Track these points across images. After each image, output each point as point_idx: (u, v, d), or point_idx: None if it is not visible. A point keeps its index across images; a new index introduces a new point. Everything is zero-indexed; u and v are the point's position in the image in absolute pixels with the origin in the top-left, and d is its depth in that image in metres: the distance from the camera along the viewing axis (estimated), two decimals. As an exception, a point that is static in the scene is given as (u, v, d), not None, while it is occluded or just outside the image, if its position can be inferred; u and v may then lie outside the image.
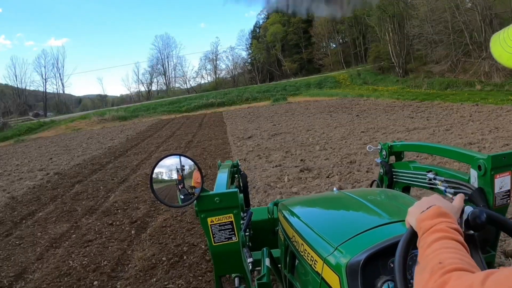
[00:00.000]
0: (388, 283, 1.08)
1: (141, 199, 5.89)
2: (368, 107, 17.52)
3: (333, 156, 7.32)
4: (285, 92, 33.78)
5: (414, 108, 15.32)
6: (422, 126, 10.26)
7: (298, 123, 13.71)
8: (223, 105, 31.35)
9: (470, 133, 8.61)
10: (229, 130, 13.91)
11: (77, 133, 23.47)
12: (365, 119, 13.03)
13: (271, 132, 11.80)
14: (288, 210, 1.87)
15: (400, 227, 1.28)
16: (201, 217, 1.45)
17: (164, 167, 1.48)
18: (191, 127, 17.62)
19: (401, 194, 1.95)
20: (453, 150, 1.98)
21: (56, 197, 6.98)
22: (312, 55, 66.83)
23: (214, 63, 72.36)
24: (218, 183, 1.93)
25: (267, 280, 1.72)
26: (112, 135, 18.45)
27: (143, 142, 13.47)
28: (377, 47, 44.97)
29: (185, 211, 4.85)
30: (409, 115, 12.95)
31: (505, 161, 1.64)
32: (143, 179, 7.20)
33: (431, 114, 12.60)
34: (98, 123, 28.76)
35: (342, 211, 1.78)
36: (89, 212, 5.74)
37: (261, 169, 6.94)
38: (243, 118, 18.76)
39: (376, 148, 2.62)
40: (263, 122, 15.69)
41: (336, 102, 22.51)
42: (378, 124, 11.53)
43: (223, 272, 1.72)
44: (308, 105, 22.44)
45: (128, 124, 24.84)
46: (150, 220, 4.90)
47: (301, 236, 1.54)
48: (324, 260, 1.28)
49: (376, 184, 2.67)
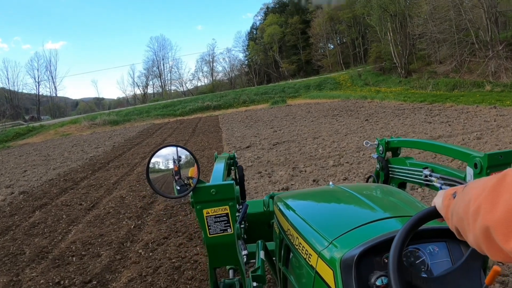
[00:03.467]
0: (381, 278, 1.06)
1: (107, 239, 4.48)
2: (375, 110, 16.19)
3: (353, 175, 5.92)
4: (284, 94, 32.42)
5: (427, 111, 14.03)
6: (447, 133, 8.91)
7: (301, 129, 12.34)
8: (219, 108, 29.95)
9: (508, 142, 7.30)
10: (225, 138, 12.50)
11: (64, 139, 22.02)
12: (376, 124, 11.68)
13: (272, 140, 10.40)
14: (283, 203, 1.86)
15: (395, 223, 1.31)
16: (196, 208, 1.40)
17: (161, 157, 1.40)
18: (184, 133, 16.21)
19: (397, 189, 1.92)
20: (450, 148, 1.97)
21: (8, 229, 5.57)
22: (310, 56, 65.88)
23: (210, 65, 71.29)
24: (215, 175, 1.76)
25: (261, 273, 1.72)
26: (98, 142, 17.05)
27: (129, 152, 12.06)
28: (378, 47, 43.73)
29: (159, 266, 3.46)
30: (426, 120, 11.60)
31: (501, 159, 1.63)
32: (116, 206, 5.81)
33: (450, 118, 11.26)
34: (88, 127, 27.34)
35: (338, 206, 1.78)
36: (38, 258, 4.33)
37: (263, 192, 5.54)
38: (240, 122, 17.37)
39: (373, 144, 2.60)
40: (262, 127, 14.31)
41: (339, 104, 21.18)
42: (395, 130, 10.16)
43: (218, 264, 1.58)
44: (309, 107, 21.10)
45: (119, 129, 23.41)
46: (110, 279, 3.50)
47: (296, 229, 1.53)
48: (319, 254, 1.27)
49: (372, 179, 2.65)
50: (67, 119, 34.03)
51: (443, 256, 1.18)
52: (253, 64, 71.14)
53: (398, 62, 38.74)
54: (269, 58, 69.27)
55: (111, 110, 35.95)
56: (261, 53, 69.84)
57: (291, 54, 69.04)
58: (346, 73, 43.21)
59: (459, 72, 31.58)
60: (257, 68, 70.44)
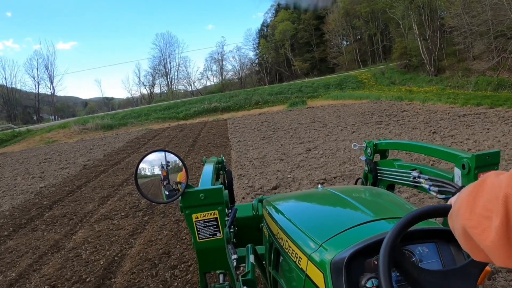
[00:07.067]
0: (372, 280, 1.05)
1: None
2: (426, 116, 12.38)
3: None
4: (302, 94, 28.55)
5: (498, 117, 10.40)
6: None
7: (344, 145, 8.58)
8: (229, 110, 26.21)
9: None
10: (235, 159, 8.64)
11: (45, 148, 18.57)
12: (452, 138, 7.86)
13: (312, 172, 6.55)
14: (272, 206, 1.85)
15: (384, 225, 1.31)
16: (185, 213, 1.40)
17: (149, 162, 1.38)
18: (182, 145, 12.49)
19: (385, 191, 1.90)
20: (438, 149, 1.95)
21: None
22: (324, 53, 62.25)
23: (220, 63, 67.78)
24: (203, 179, 1.81)
25: (251, 277, 1.72)
26: (78, 154, 13.51)
27: (95, 181, 8.37)
28: (402, 43, 39.59)
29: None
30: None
31: (489, 160, 1.62)
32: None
33: None
34: (78, 133, 23.90)
35: (327, 208, 1.77)
36: None
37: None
38: (255, 131, 13.62)
39: (361, 146, 2.59)
40: (287, 140, 10.56)
41: (372, 107, 17.32)
42: (499, 149, 6.32)
43: (208, 269, 1.58)
44: (337, 111, 17.27)
45: (110, 136, 19.84)
46: None
47: (285, 233, 1.52)
48: (309, 257, 1.26)
49: (361, 182, 2.63)
50: (56, 123, 30.59)
51: (433, 256, 1.17)
52: (264, 63, 67.79)
53: (427, 58, 34.69)
54: (280, 56, 65.97)
55: (106, 113, 32.33)
56: (272, 51, 66.58)
57: (304, 51, 65.82)
58: (367, 71, 39.21)
59: (496, 70, 28.20)
60: (268, 67, 67.06)
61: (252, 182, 6.32)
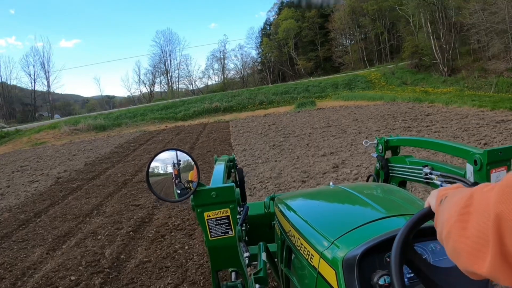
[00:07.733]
0: (384, 277, 1.04)
1: None
2: (462, 121, 10.59)
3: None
4: (309, 94, 26.73)
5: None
6: None
7: (372, 159, 6.82)
8: (231, 110, 24.37)
9: None
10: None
11: (30, 152, 16.79)
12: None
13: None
14: (284, 204, 1.83)
15: (396, 221, 1.27)
16: (197, 211, 1.36)
17: (160, 161, 1.35)
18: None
19: (397, 188, 1.89)
20: (449, 145, 1.93)
21: None
22: (329, 52, 60.46)
23: (222, 62, 65.94)
24: (215, 177, 1.77)
25: (263, 275, 1.70)
26: (58, 162, 11.75)
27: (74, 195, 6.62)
28: (413, 41, 37.70)
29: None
30: None
31: (501, 156, 1.60)
32: None
33: None
34: (69, 134, 22.14)
35: (339, 206, 1.73)
36: None
37: None
38: (261, 136, 11.81)
39: (372, 143, 2.54)
40: (301, 148, 8.76)
41: (390, 109, 15.52)
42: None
43: (220, 267, 1.54)
44: (351, 113, 15.46)
45: (99, 139, 18.04)
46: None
47: (297, 230, 1.50)
48: (321, 255, 1.24)
49: (373, 179, 2.58)
50: (46, 123, 28.78)
51: (445, 253, 1.06)
52: (266, 62, 66.04)
53: (440, 58, 32.83)
54: (283, 55, 64.28)
55: (99, 113, 30.51)
56: (275, 50, 64.89)
57: (308, 50, 64.13)
58: (376, 71, 37.37)
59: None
60: (271, 66, 65.30)
61: (262, 197, 4.50)
